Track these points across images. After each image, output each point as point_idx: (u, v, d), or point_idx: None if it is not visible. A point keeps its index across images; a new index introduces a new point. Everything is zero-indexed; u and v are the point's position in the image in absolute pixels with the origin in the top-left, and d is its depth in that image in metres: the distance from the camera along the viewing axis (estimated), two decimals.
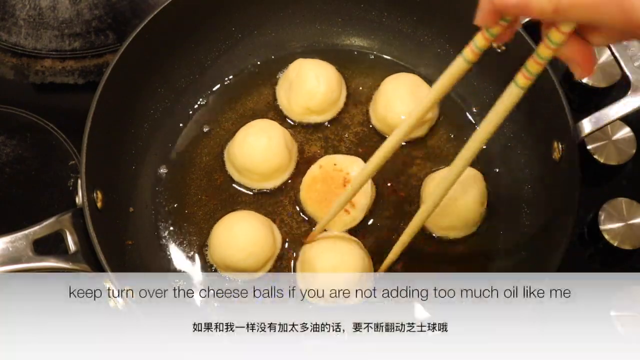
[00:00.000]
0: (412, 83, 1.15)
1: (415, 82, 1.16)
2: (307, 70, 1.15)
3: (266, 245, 1.04)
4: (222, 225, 1.06)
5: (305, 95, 1.14)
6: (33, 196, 1.17)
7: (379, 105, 1.15)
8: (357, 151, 1.15)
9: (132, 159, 1.12)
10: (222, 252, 1.03)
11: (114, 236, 1.02)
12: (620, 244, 1.10)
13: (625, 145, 1.18)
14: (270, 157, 1.09)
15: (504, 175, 1.14)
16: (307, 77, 1.14)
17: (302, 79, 1.14)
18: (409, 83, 1.15)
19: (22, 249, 0.90)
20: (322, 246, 1.03)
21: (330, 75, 1.16)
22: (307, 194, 1.09)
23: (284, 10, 1.22)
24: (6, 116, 1.23)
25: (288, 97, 1.16)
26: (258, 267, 1.04)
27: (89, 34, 1.29)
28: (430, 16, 1.19)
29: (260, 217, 1.07)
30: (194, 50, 1.19)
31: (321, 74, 1.14)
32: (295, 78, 1.15)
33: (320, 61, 1.18)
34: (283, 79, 1.19)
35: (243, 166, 1.10)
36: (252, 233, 1.03)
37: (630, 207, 1.12)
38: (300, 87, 1.14)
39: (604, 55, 1.23)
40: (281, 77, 1.20)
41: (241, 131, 1.12)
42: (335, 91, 1.16)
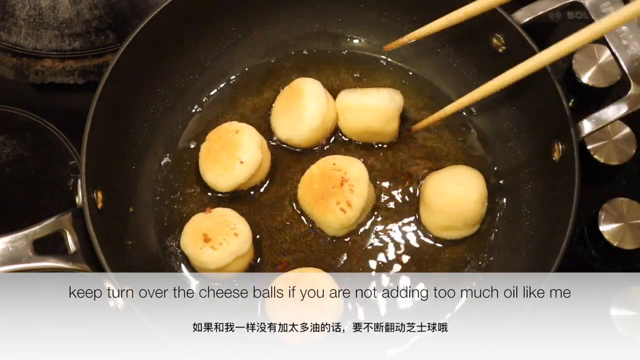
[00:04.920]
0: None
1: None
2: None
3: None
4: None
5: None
6: (33, 196, 1.17)
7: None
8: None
9: (132, 159, 1.12)
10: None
11: (114, 236, 1.02)
12: (620, 244, 1.10)
13: (625, 145, 1.18)
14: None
15: (504, 175, 1.14)
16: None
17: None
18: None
19: (22, 249, 0.90)
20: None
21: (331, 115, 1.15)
22: (304, 192, 1.09)
23: (284, 11, 1.22)
24: (6, 116, 1.23)
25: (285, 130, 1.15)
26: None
27: (89, 34, 1.29)
28: (430, 16, 1.18)
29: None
30: (194, 50, 1.19)
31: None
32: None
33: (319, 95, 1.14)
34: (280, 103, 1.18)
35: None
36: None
37: (630, 207, 1.12)
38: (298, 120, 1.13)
39: (604, 55, 1.23)
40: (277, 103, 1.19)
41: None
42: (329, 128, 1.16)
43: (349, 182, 1.06)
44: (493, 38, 1.10)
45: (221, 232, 1.02)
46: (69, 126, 1.21)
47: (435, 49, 1.21)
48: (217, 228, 1.03)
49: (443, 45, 1.20)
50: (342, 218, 1.05)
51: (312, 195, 1.07)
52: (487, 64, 1.15)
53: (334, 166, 1.08)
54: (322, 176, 1.07)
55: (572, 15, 1.32)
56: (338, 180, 1.06)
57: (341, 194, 1.05)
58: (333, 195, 1.05)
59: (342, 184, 1.06)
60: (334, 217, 1.05)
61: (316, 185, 1.07)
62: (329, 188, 1.06)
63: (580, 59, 1.24)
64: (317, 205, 1.07)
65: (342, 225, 1.07)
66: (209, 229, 1.03)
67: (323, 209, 1.06)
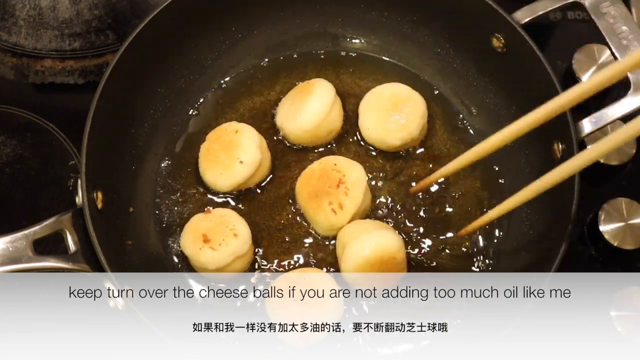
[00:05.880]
0: (393, 96, 1.14)
1: (397, 93, 1.15)
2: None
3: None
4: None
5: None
6: (33, 196, 1.17)
7: (360, 121, 1.15)
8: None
9: (132, 159, 1.12)
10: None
11: (114, 236, 1.02)
12: (620, 244, 1.10)
13: (625, 145, 1.17)
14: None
15: (504, 175, 1.14)
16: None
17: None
18: (389, 96, 1.14)
19: (22, 249, 0.90)
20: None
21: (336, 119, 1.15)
22: (301, 186, 1.09)
23: (284, 11, 1.22)
24: (6, 116, 1.23)
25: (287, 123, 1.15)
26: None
27: (89, 34, 1.29)
28: (430, 16, 1.19)
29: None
30: (194, 50, 1.19)
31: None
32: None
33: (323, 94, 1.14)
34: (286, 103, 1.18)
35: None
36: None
37: (630, 207, 1.12)
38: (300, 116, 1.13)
39: (604, 55, 1.23)
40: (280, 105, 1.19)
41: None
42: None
43: (345, 185, 1.06)
44: (493, 38, 1.10)
45: (221, 233, 1.02)
46: (69, 126, 1.21)
47: (435, 49, 1.21)
48: (217, 228, 1.03)
49: (443, 45, 1.20)
50: (332, 219, 1.05)
51: (308, 191, 1.07)
52: (487, 64, 1.15)
53: (335, 166, 1.08)
54: (322, 174, 1.08)
55: (572, 15, 1.32)
56: (335, 180, 1.06)
57: (335, 195, 1.05)
58: (327, 195, 1.05)
59: (338, 186, 1.06)
60: (325, 217, 1.05)
61: (314, 182, 1.08)
62: (325, 187, 1.06)
63: (580, 59, 1.24)
64: (310, 202, 1.07)
65: (331, 226, 1.06)
66: (209, 229, 1.03)
67: (315, 206, 1.06)
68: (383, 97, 1.14)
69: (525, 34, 1.04)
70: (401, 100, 1.13)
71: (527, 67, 1.05)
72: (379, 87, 1.16)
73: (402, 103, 1.13)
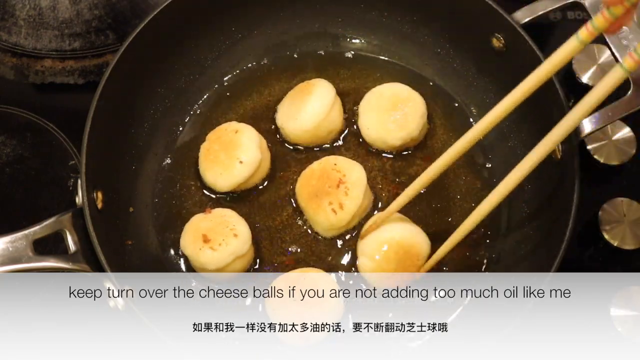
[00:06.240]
0: (393, 96, 1.14)
1: (397, 93, 1.14)
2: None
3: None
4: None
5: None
6: (33, 196, 1.17)
7: (360, 121, 1.15)
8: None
9: (132, 159, 1.12)
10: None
11: (114, 236, 1.02)
12: (620, 244, 1.10)
13: (625, 145, 1.18)
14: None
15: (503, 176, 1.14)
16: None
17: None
18: (389, 96, 1.14)
19: (22, 249, 0.90)
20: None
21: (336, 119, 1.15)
22: (301, 186, 1.09)
23: (284, 11, 1.22)
24: (6, 116, 1.23)
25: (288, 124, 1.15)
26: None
27: (89, 34, 1.29)
28: (430, 16, 1.19)
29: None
30: (194, 50, 1.19)
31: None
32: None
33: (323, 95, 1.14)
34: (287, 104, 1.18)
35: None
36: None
37: (630, 207, 1.12)
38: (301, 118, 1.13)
39: (604, 55, 1.23)
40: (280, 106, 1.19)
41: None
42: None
43: (345, 185, 1.06)
44: (493, 38, 1.10)
45: (220, 233, 1.02)
46: (69, 126, 1.21)
47: (435, 49, 1.21)
48: (217, 229, 1.03)
49: (443, 45, 1.21)
50: (332, 219, 1.05)
51: (308, 191, 1.07)
52: (487, 64, 1.15)
53: (335, 166, 1.08)
54: (322, 174, 1.08)
55: (572, 15, 1.32)
56: (335, 180, 1.06)
57: (335, 195, 1.05)
58: (328, 195, 1.05)
59: (338, 186, 1.06)
60: (325, 217, 1.05)
61: (314, 182, 1.08)
62: (325, 187, 1.06)
63: (580, 59, 1.24)
64: (310, 202, 1.07)
65: (331, 225, 1.07)
66: (209, 229, 1.03)
67: (315, 206, 1.06)
68: (383, 97, 1.14)
69: (525, 34, 1.04)
70: (401, 100, 1.13)
71: (527, 67, 1.05)
72: (379, 87, 1.16)
73: (402, 103, 1.13)
